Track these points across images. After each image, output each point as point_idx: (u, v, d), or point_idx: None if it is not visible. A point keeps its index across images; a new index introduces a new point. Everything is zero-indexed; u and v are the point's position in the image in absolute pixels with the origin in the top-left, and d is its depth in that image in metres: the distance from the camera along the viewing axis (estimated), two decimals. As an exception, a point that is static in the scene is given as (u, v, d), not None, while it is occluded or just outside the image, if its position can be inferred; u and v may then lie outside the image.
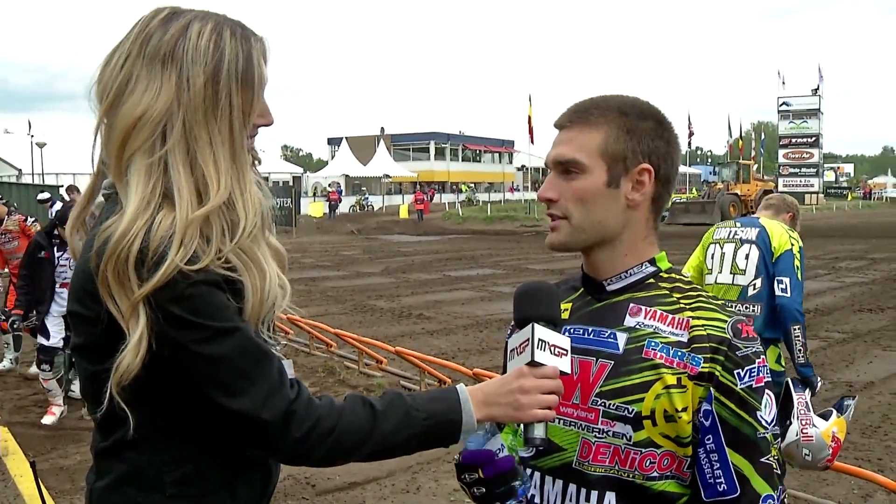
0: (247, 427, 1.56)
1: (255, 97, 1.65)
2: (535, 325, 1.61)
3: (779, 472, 1.62)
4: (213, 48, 1.59)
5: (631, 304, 1.70)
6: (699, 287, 1.74)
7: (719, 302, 1.71)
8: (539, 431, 1.61)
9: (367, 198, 57.58)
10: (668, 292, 1.71)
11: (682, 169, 77.15)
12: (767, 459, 1.60)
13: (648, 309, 1.68)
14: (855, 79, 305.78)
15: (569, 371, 1.62)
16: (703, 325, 1.63)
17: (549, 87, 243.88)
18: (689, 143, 71.53)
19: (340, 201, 48.05)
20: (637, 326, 1.67)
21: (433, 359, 8.85)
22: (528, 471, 1.77)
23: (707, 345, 1.60)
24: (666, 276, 1.75)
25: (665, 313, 1.67)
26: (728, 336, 1.61)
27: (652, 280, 1.73)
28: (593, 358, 1.68)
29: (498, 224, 41.85)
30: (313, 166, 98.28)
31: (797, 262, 5.00)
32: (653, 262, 1.75)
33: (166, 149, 1.56)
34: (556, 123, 1.76)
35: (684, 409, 1.59)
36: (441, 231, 39.18)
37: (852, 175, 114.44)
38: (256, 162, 1.80)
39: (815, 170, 71.45)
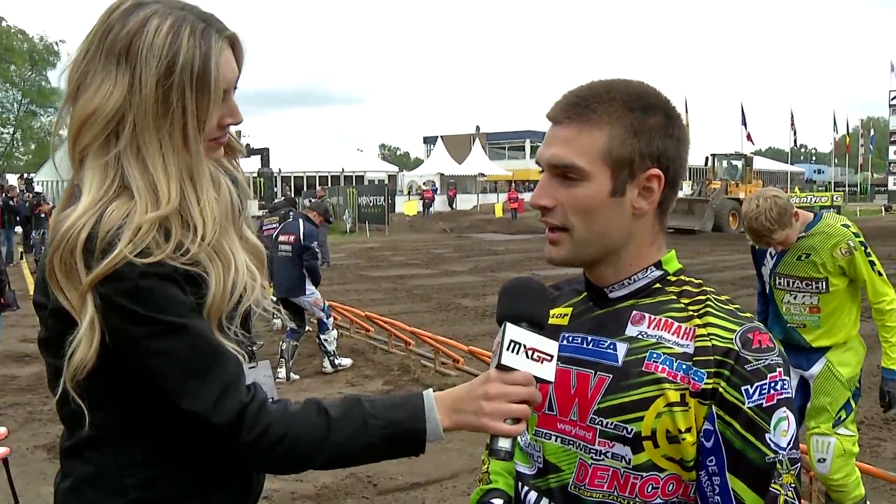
0: (198, 429, 1.49)
1: (212, 101, 1.55)
2: (508, 324, 1.46)
3: (793, 502, 1.43)
4: (167, 48, 1.51)
5: (633, 312, 1.54)
6: (710, 289, 1.56)
7: (731, 307, 1.52)
8: (504, 444, 1.47)
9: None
10: (675, 297, 1.54)
11: (784, 167, 74.81)
12: (775, 488, 1.41)
13: (653, 317, 1.52)
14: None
15: (551, 379, 1.47)
16: (708, 335, 1.46)
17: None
18: (795, 142, 69.00)
19: (434, 200, 48.34)
20: (639, 336, 1.51)
21: (508, 359, 8.67)
22: (526, 489, 1.64)
23: (711, 357, 1.43)
24: (674, 279, 1.58)
25: (671, 321, 1.50)
26: (735, 347, 1.43)
27: (658, 285, 1.57)
28: (591, 370, 1.53)
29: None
30: (409, 165, 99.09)
31: None
32: (659, 265, 1.58)
33: (119, 149, 1.51)
34: (549, 116, 1.55)
35: (688, 430, 1.43)
36: (534, 230, 38.85)
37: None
38: (239, 154, 1.73)
39: (929, 168, 68.27)
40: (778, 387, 1.42)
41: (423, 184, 53.69)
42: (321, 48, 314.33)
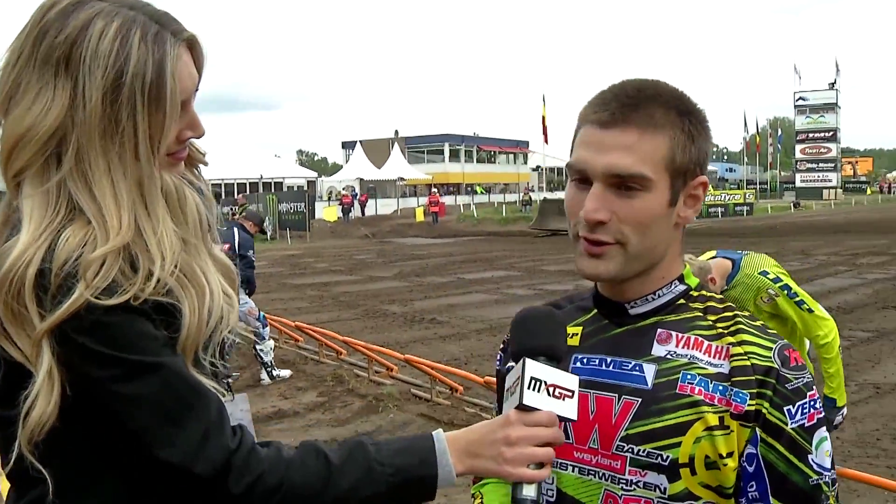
0: (180, 482, 1.31)
1: (169, 116, 1.34)
2: (527, 359, 1.33)
3: None
4: (114, 55, 1.29)
5: (659, 330, 1.43)
6: (734, 305, 1.47)
7: (758, 323, 1.44)
8: (529, 491, 1.33)
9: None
10: (701, 314, 1.44)
11: (698, 166, 76.66)
12: None
13: (681, 335, 1.42)
14: (873, 72, 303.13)
15: (574, 417, 1.35)
16: (745, 354, 1.36)
17: (562, 87, 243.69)
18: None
19: (353, 205, 47.91)
20: (668, 356, 1.40)
21: (444, 367, 8.60)
22: None
23: (752, 377, 1.34)
24: (696, 294, 1.48)
25: (701, 339, 1.40)
26: (776, 366, 1.35)
27: (682, 301, 1.46)
28: (615, 394, 1.41)
29: (513, 225, 41.52)
30: (328, 170, 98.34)
31: None
32: (681, 279, 1.48)
33: (63, 175, 1.30)
34: (598, 119, 1.38)
35: (730, 455, 1.34)
36: (455, 233, 38.94)
37: (871, 169, 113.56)
38: (202, 164, 1.56)
39: (832, 164, 71.13)
40: (817, 405, 1.36)
41: (343, 189, 53.28)
42: (235, 53, 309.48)
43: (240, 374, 9.61)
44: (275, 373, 9.56)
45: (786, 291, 4.26)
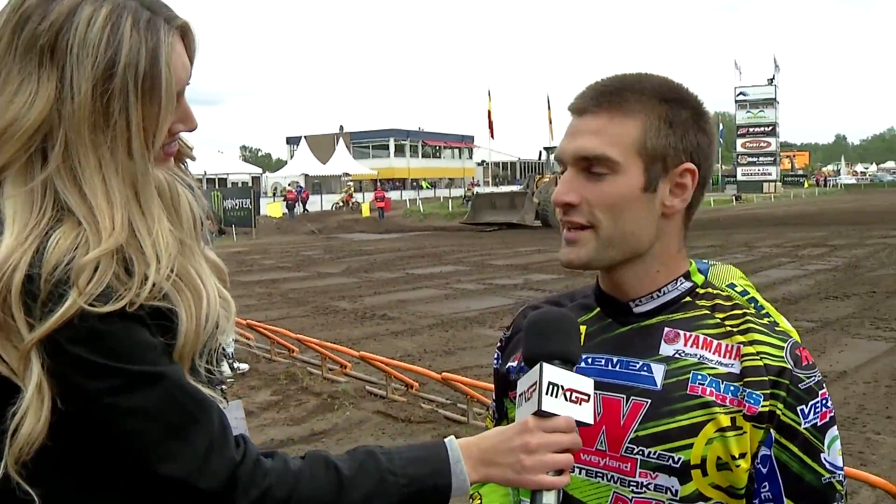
0: (181, 497, 1.24)
1: (163, 109, 1.27)
2: (544, 364, 1.30)
3: None
4: (104, 44, 1.21)
5: (666, 329, 1.41)
6: (742, 303, 1.47)
7: (766, 321, 1.43)
8: (550, 499, 1.30)
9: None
10: (708, 312, 1.43)
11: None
12: None
13: (689, 334, 1.40)
14: (808, 68, 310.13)
15: (591, 422, 1.32)
16: (757, 353, 1.36)
17: (507, 82, 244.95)
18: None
19: (298, 201, 47.44)
20: (677, 356, 1.38)
21: (399, 363, 8.56)
22: None
23: (766, 378, 1.33)
24: (703, 292, 1.46)
25: (710, 339, 1.39)
26: (788, 366, 1.34)
27: (688, 298, 1.45)
28: (622, 395, 1.39)
29: (459, 220, 41.54)
30: (272, 166, 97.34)
31: None
32: (687, 276, 1.46)
33: (49, 172, 1.22)
34: (574, 107, 1.41)
35: (742, 456, 1.33)
36: (402, 228, 38.85)
37: (808, 163, 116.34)
38: (189, 159, 1.49)
39: (772, 158, 72.63)
40: (828, 404, 1.36)
41: (289, 185, 52.78)
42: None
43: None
44: (235, 365, 9.42)
45: (752, 304, 4.31)
